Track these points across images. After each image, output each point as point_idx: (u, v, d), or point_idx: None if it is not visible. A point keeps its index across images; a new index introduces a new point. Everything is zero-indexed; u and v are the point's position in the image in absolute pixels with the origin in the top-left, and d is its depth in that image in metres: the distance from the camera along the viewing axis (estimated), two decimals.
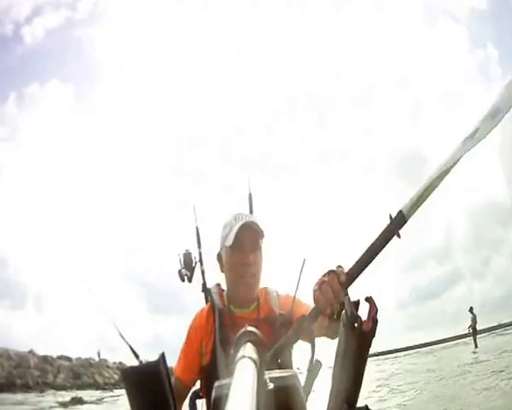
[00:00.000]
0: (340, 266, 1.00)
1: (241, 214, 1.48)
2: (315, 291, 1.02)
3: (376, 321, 0.82)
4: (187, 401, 1.47)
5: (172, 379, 1.23)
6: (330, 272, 0.99)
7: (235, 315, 1.45)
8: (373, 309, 0.84)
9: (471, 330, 15.97)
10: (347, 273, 0.97)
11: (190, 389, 1.43)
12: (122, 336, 1.17)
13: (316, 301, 1.02)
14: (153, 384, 0.61)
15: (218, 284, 1.58)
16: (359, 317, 0.81)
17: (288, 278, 1.45)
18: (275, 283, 1.58)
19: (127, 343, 1.11)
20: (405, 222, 0.92)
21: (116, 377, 22.99)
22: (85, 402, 15.07)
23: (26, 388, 19.50)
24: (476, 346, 14.96)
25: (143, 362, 0.74)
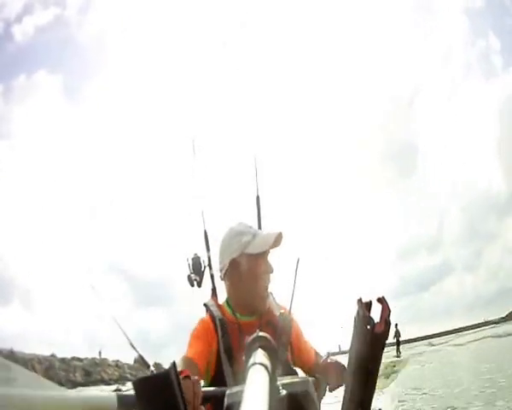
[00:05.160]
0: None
1: (248, 224, 1.53)
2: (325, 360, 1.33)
3: (389, 323, 0.81)
4: None
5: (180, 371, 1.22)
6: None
7: (242, 323, 1.44)
8: (385, 311, 0.82)
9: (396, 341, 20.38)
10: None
11: (202, 376, 1.35)
12: (133, 346, 1.16)
13: (323, 368, 1.31)
14: (164, 394, 0.60)
15: (213, 298, 1.61)
16: (372, 319, 0.79)
17: (285, 276, 1.48)
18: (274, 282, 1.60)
19: (138, 353, 1.11)
20: None
21: (117, 373, 26.61)
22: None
23: (60, 385, 21.38)
24: (399, 353, 18.87)
25: (154, 371, 0.73)
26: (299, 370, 1.04)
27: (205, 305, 1.55)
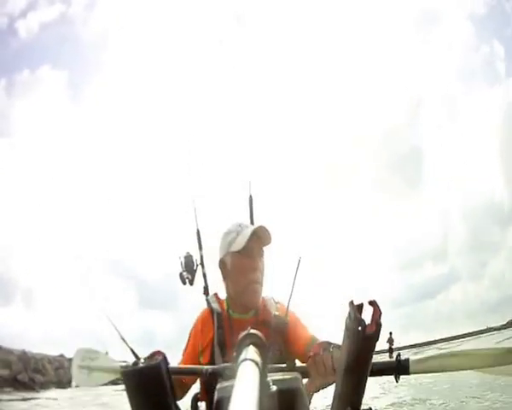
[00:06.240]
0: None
1: (243, 223, 1.51)
2: (309, 357, 1.07)
3: (380, 325, 0.81)
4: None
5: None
6: (327, 347, 1.04)
7: (234, 319, 1.46)
8: (376, 313, 0.82)
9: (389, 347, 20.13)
10: None
11: (189, 388, 1.45)
12: (123, 339, 1.16)
13: (308, 367, 1.07)
14: (154, 386, 0.60)
15: (215, 294, 1.59)
16: (363, 320, 0.80)
17: (284, 278, 1.46)
18: (272, 284, 1.58)
19: (128, 346, 1.11)
20: (407, 374, 0.96)
21: None
22: None
23: (70, 384, 23.04)
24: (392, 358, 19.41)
25: (144, 363, 0.73)
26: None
27: (207, 300, 1.59)
